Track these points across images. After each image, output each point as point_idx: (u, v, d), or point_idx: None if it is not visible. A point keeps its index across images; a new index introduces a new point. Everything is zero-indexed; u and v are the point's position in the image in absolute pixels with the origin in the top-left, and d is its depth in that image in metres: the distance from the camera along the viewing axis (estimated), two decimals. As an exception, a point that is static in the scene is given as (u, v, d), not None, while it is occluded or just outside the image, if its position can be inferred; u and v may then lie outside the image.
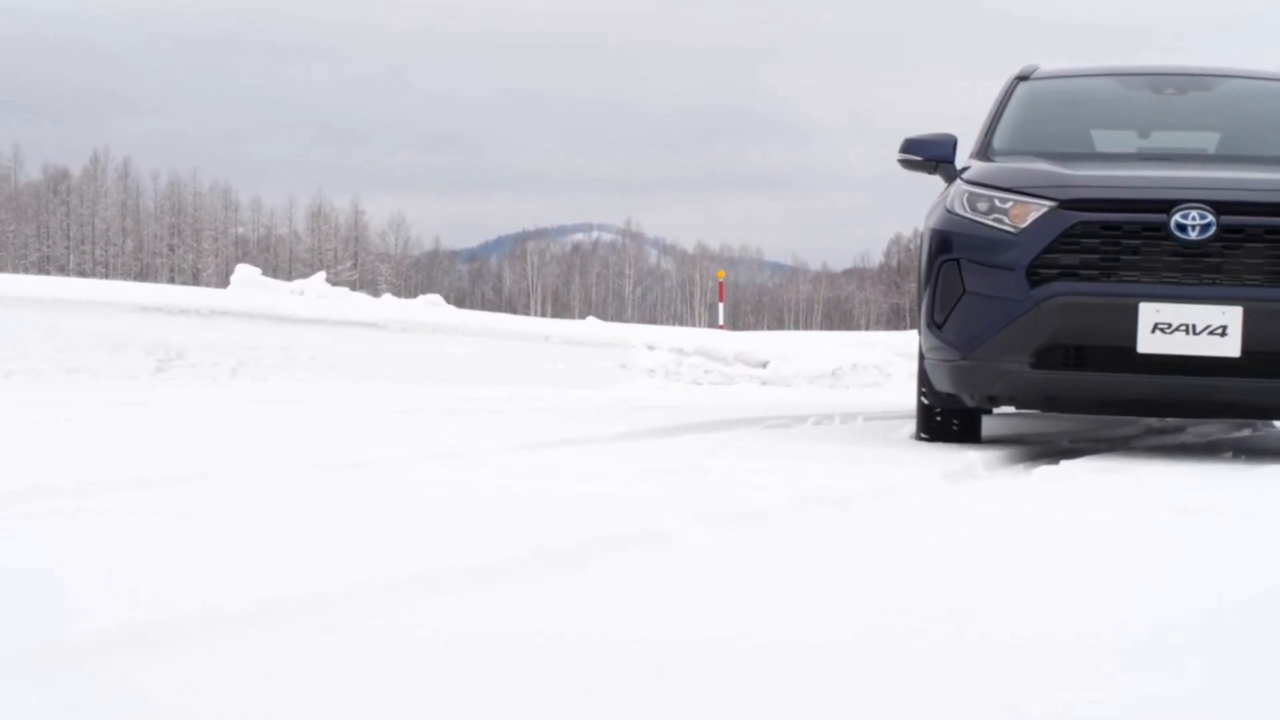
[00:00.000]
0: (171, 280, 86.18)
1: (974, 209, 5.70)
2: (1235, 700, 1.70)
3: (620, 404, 8.39)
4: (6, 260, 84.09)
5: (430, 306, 12.61)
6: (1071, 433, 7.04)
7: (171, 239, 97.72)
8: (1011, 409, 7.08)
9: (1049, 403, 5.75)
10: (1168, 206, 5.43)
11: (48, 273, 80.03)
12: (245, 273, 12.76)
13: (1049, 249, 5.49)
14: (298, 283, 12.90)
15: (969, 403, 5.79)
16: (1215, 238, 5.39)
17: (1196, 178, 5.68)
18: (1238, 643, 2.04)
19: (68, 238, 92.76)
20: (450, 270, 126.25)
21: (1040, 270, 5.50)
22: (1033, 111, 6.77)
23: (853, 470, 4.75)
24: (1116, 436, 7.08)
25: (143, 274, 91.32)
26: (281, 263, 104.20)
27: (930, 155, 6.50)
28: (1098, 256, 5.46)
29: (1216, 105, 6.84)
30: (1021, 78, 7.00)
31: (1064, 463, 5.29)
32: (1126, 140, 6.75)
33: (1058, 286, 5.46)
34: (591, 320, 14.33)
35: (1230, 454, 5.90)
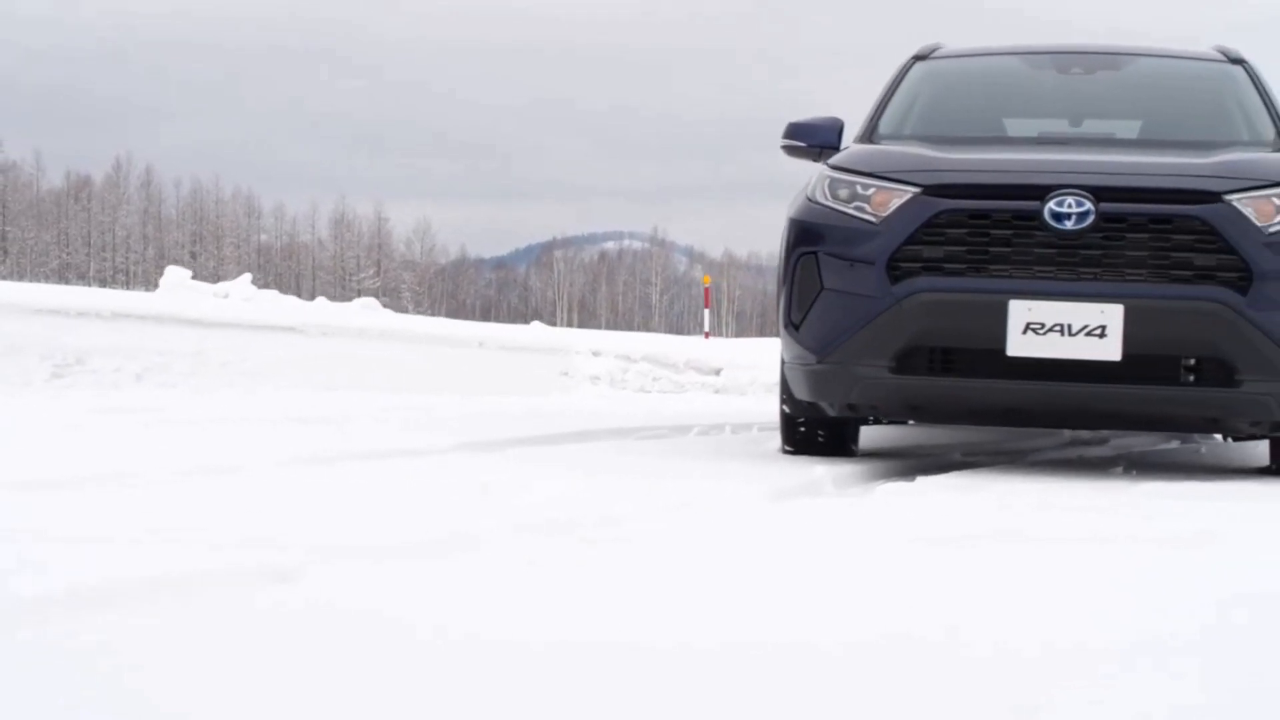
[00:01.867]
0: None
1: (835, 196, 5.14)
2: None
3: (520, 412, 7.84)
4: (26, 267, 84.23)
5: (364, 310, 12.10)
6: (972, 444, 6.46)
7: (193, 246, 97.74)
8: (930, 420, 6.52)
9: (914, 412, 5.18)
10: (1042, 193, 4.86)
11: (68, 280, 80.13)
12: (174, 275, 12.28)
13: (911, 240, 4.93)
14: (222, 285, 12.41)
15: (829, 411, 5.22)
16: (1094, 227, 4.82)
17: (1075, 161, 5.11)
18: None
19: (88, 245, 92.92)
20: (476, 278, 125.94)
21: (901, 264, 4.94)
22: (925, 93, 6.20)
23: (666, 487, 4.22)
24: (1023, 449, 6.50)
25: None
26: (305, 270, 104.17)
27: (815, 141, 5.94)
28: (964, 249, 4.90)
29: (1125, 86, 6.25)
30: (919, 57, 6.43)
31: (921, 479, 4.73)
32: (1024, 123, 6.15)
33: (920, 282, 4.90)
34: (536, 325, 13.80)
35: (1122, 469, 5.32)
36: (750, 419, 7.55)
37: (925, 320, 4.89)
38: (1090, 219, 4.81)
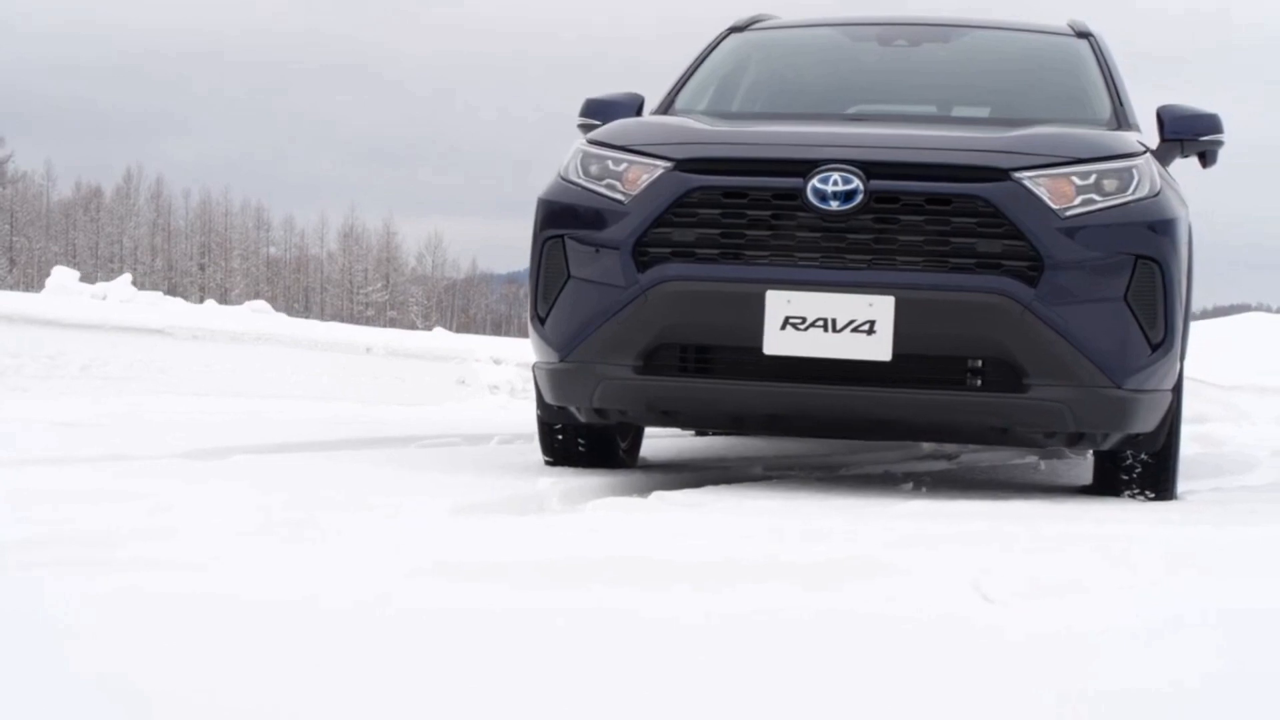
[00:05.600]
0: (200, 300, 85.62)
1: (586, 173, 4.54)
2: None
3: (330, 418, 7.23)
4: (34, 278, 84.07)
5: (254, 313, 11.52)
6: (789, 456, 5.82)
7: (201, 258, 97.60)
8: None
9: (665, 418, 4.56)
10: (806, 169, 4.25)
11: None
12: (61, 276, 11.72)
13: (660, 221, 4.33)
14: (100, 286, 11.84)
15: (579, 417, 4.60)
16: (863, 208, 4.20)
17: (845, 134, 4.50)
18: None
19: (95, 256, 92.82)
20: (488, 293, 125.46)
21: (650, 249, 4.33)
22: (733, 67, 5.59)
23: (339, 498, 3.62)
24: (847, 462, 5.86)
25: (171, 292, 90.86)
26: (313, 283, 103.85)
27: (613, 119, 5.32)
28: (719, 231, 4.29)
29: (952, 60, 5.62)
30: (735, 28, 5.82)
31: (659, 495, 4.12)
32: (832, 99, 5.51)
33: (670, 269, 4.29)
34: (439, 331, 13.17)
35: (910, 485, 4.68)
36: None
37: (674, 313, 4.28)
38: (859, 198, 4.19)
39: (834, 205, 4.19)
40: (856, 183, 4.18)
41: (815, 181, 4.20)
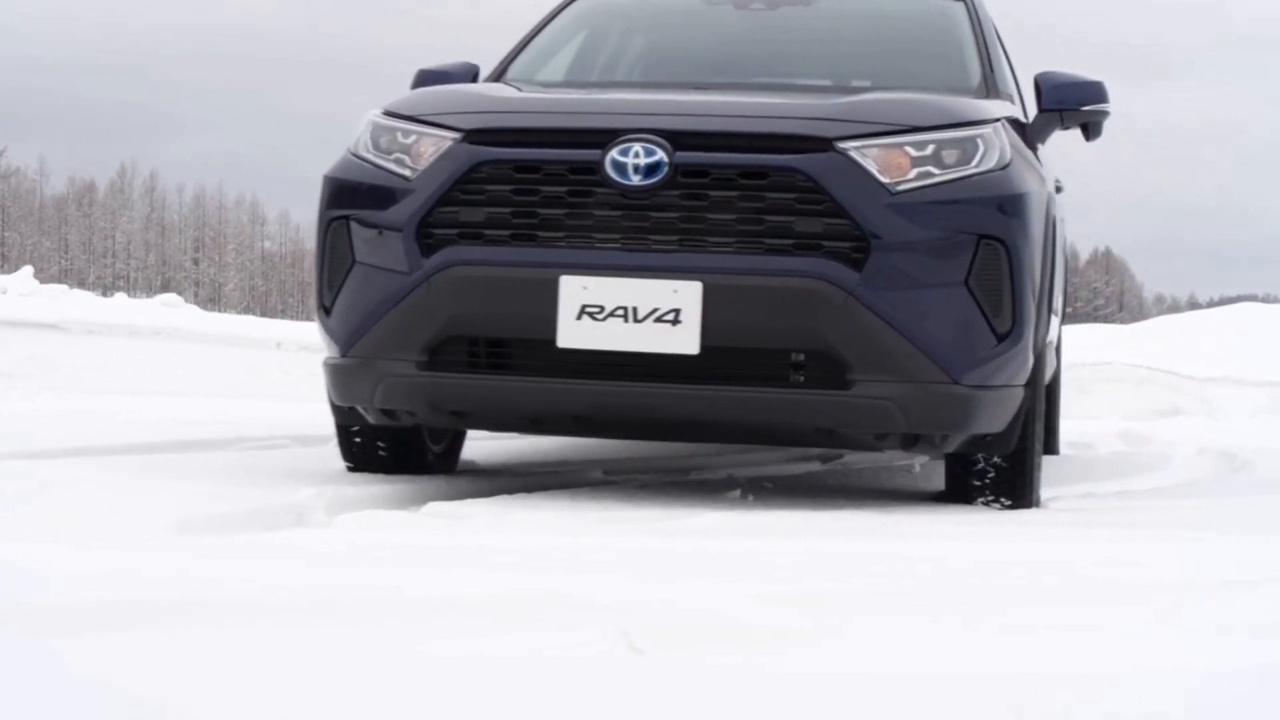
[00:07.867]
0: (195, 295, 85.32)
1: (376, 147, 4.08)
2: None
3: (196, 419, 6.78)
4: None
5: (164, 307, 11.07)
6: (641, 459, 5.35)
7: (195, 253, 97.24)
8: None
9: (457, 419, 4.08)
10: (605, 139, 3.79)
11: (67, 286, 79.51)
12: (-34, 269, 11.25)
13: (446, 200, 3.87)
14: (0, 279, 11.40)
15: (368, 418, 4.14)
16: (668, 183, 3.74)
17: (649, 101, 4.05)
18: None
19: (89, 251, 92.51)
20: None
21: (435, 230, 3.87)
22: (576, 33, 5.14)
23: (27, 515, 3.17)
24: (696, 465, 5.40)
25: (165, 288, 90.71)
26: (309, 277, 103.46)
27: (446, 92, 4.85)
28: (510, 210, 3.83)
29: (809, 25, 5.14)
30: (585, -9, 5.35)
31: (430, 506, 3.68)
32: (667, 68, 5.04)
33: (456, 253, 3.84)
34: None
35: (739, 494, 4.21)
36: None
37: (461, 302, 3.82)
38: (663, 172, 3.72)
39: (635, 180, 3.72)
40: (660, 155, 3.72)
41: (614, 154, 3.74)
